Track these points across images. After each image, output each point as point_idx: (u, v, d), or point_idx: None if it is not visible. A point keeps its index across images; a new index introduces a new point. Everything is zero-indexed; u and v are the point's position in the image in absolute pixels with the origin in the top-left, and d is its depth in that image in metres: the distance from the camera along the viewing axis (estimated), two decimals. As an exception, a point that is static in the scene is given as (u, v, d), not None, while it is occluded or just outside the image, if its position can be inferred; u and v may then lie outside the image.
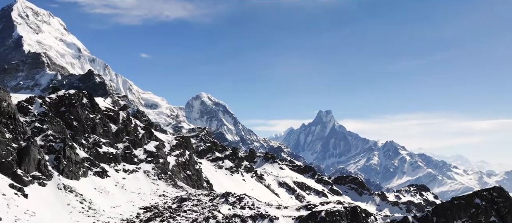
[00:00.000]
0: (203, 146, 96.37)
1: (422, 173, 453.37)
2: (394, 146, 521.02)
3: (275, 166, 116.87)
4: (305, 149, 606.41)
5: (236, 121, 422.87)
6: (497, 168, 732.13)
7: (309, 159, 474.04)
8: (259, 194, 78.77)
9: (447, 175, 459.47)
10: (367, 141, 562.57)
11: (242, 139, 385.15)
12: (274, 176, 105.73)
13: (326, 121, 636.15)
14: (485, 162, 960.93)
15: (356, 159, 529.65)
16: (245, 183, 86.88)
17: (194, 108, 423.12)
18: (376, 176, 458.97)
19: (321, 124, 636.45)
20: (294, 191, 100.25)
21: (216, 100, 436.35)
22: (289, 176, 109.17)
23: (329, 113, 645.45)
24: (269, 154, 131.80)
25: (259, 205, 41.97)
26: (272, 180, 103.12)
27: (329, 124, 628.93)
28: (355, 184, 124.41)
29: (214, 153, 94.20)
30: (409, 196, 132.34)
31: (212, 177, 79.93)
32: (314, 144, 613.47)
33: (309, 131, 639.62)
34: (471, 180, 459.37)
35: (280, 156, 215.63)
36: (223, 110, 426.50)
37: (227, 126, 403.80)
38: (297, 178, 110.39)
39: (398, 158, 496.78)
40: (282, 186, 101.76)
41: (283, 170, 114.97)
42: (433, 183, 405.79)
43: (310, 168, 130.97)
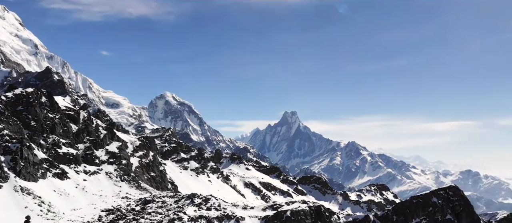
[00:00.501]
0: (167, 147, 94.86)
1: (382, 173, 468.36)
2: (356, 147, 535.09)
3: (241, 166, 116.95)
4: (271, 149, 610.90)
5: (201, 121, 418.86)
6: (452, 168, 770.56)
7: (274, 159, 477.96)
8: (225, 195, 78.55)
9: (406, 175, 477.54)
10: (331, 142, 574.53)
11: (208, 140, 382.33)
12: (240, 177, 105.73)
13: (292, 122, 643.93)
14: (441, 162, 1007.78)
15: (320, 159, 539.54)
16: (211, 184, 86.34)
17: (158, 107, 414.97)
18: (338, 175, 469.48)
19: (287, 125, 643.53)
20: (260, 192, 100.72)
21: (181, 100, 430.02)
22: (255, 177, 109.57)
23: (294, 114, 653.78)
24: (235, 154, 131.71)
25: (225, 206, 41.87)
26: (238, 180, 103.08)
27: (295, 125, 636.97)
28: (319, 184, 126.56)
29: (179, 154, 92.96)
30: (370, 195, 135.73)
31: (177, 179, 78.84)
32: (280, 145, 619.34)
33: (275, 132, 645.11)
34: (428, 179, 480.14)
35: (246, 156, 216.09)
36: (188, 110, 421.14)
37: (193, 127, 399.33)
38: (263, 179, 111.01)
39: (360, 158, 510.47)
40: (248, 186, 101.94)
41: (249, 170, 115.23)
42: (393, 183, 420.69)
43: (275, 169, 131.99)
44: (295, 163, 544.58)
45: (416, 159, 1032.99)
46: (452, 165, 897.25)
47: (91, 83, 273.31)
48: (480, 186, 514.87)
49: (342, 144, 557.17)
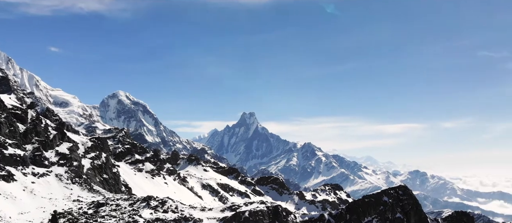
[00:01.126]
0: (121, 148, 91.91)
1: (336, 173, 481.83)
2: (312, 148, 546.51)
3: (199, 168, 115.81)
4: (229, 150, 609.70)
5: (157, 121, 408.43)
6: (402, 168, 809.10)
7: (232, 160, 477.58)
8: (182, 197, 77.42)
9: (358, 175, 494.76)
10: (288, 143, 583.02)
11: (164, 141, 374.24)
12: (197, 178, 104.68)
13: (250, 123, 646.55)
14: (391, 163, 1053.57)
15: (277, 160, 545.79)
16: (167, 186, 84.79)
17: (110, 107, 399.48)
18: (295, 176, 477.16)
19: (245, 126, 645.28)
20: (218, 193, 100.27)
21: (135, 99, 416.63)
22: (213, 178, 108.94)
23: (252, 115, 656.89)
24: (193, 156, 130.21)
25: (182, 208, 41.32)
26: (195, 182, 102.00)
27: (253, 126, 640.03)
28: (276, 184, 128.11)
29: (133, 156, 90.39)
30: (324, 195, 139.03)
31: (131, 181, 76.69)
32: (238, 146, 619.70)
33: (233, 132, 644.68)
34: (379, 179, 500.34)
35: (204, 158, 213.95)
36: (143, 110, 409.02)
37: (147, 127, 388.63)
38: (221, 180, 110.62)
39: (315, 159, 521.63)
40: (205, 188, 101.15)
41: (207, 172, 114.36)
42: (346, 182, 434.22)
43: (234, 170, 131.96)
44: (253, 164, 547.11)
45: (367, 159, 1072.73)
46: (401, 166, 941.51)
47: (38, 80, 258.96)
48: (427, 185, 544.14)
49: (299, 145, 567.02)
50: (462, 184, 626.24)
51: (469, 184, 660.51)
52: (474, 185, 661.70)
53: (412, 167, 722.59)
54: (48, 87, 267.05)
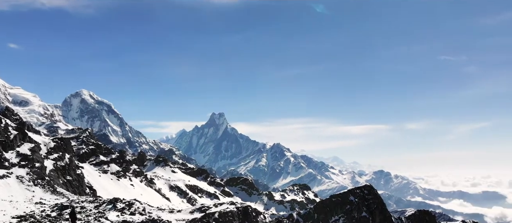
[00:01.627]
0: (85, 149, 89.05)
1: (304, 173, 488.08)
2: (281, 148, 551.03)
3: (167, 169, 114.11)
4: (198, 151, 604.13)
5: (122, 121, 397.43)
6: (367, 168, 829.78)
7: (201, 161, 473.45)
8: (148, 199, 76.01)
9: (325, 175, 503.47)
10: (257, 144, 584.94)
11: (129, 142, 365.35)
12: (165, 180, 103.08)
13: (219, 124, 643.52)
14: (357, 163, 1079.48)
15: (246, 161, 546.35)
16: (134, 188, 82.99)
17: (73, 106, 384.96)
18: (264, 176, 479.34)
19: (214, 126, 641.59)
20: (186, 195, 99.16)
21: (99, 99, 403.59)
22: (181, 180, 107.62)
23: (222, 116, 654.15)
24: (161, 157, 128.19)
25: (150, 210, 40.61)
26: (163, 184, 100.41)
27: (222, 127, 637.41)
28: (245, 185, 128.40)
29: (98, 157, 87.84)
30: (293, 195, 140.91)
31: (96, 183, 74.50)
32: (207, 147, 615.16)
33: (202, 133, 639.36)
34: (345, 179, 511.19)
35: (172, 159, 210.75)
36: (107, 109, 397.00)
37: (112, 127, 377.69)
38: (190, 181, 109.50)
39: (284, 160, 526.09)
40: (173, 189, 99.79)
41: (175, 173, 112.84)
42: (313, 182, 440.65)
43: (203, 171, 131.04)
44: (222, 165, 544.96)
45: (334, 160, 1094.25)
46: (367, 166, 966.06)
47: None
48: (391, 185, 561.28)
49: (268, 145, 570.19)
50: (424, 184, 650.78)
51: (431, 184, 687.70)
52: (436, 184, 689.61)
53: (377, 167, 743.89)
54: (6, 85, 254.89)
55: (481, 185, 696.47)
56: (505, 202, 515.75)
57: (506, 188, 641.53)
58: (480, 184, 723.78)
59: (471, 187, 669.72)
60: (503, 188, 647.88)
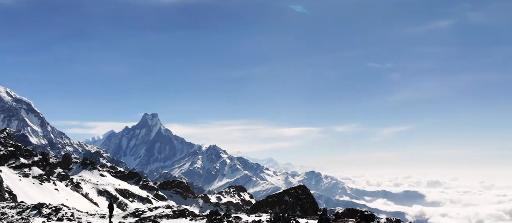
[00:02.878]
0: (3, 151, 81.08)
1: (240, 175, 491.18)
2: (217, 150, 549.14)
3: (95, 173, 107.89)
4: (128, 154, 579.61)
5: (43, 121, 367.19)
6: (299, 169, 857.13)
7: (131, 164, 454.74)
8: (75, 204, 71.09)
9: (260, 176, 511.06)
10: (192, 145, 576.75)
11: (51, 143, 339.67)
12: (93, 184, 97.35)
13: (152, 125, 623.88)
14: (290, 164, 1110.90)
15: (181, 163, 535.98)
16: (59, 192, 77.24)
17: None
18: (199, 179, 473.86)
19: (147, 127, 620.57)
20: (116, 199, 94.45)
21: (17, 96, 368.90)
22: (110, 184, 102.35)
23: (155, 117, 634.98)
24: (88, 160, 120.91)
25: (80, 215, 37.86)
26: (90, 188, 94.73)
27: (155, 128, 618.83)
28: (180, 188, 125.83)
29: (18, 159, 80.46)
30: (229, 197, 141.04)
31: (16, 187, 68.14)
32: (138, 149, 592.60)
33: (133, 134, 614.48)
34: (279, 180, 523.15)
35: (99, 161, 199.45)
36: (27, 108, 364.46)
37: (32, 127, 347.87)
38: (120, 185, 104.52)
39: (220, 162, 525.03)
40: (102, 194, 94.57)
41: (104, 177, 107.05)
42: (249, 184, 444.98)
43: (134, 174, 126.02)
44: (155, 168, 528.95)
45: (269, 161, 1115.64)
46: (299, 167, 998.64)
47: None
48: (321, 185, 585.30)
49: (204, 147, 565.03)
50: (351, 183, 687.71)
51: (357, 183, 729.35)
52: (362, 184, 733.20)
53: (309, 168, 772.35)
54: None
55: (403, 185, 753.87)
56: (423, 201, 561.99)
57: (424, 188, 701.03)
58: (402, 184, 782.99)
59: (394, 187, 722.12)
60: (422, 187, 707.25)
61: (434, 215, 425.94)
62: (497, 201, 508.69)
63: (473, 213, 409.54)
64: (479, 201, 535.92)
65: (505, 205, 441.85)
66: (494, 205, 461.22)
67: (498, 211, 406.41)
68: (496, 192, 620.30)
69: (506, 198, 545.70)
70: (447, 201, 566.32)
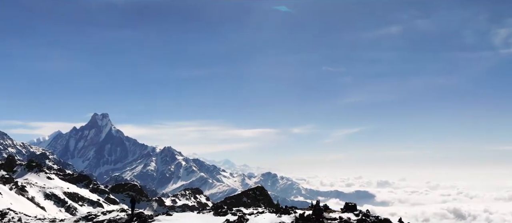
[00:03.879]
0: None
1: (196, 177, 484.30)
2: (172, 152, 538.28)
3: (42, 175, 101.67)
4: (76, 155, 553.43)
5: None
6: (256, 170, 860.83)
7: (79, 166, 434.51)
8: (20, 208, 66.37)
9: (217, 178, 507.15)
10: (146, 147, 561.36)
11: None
12: (39, 187, 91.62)
13: (102, 125, 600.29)
14: (247, 166, 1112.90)
15: (133, 166, 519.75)
16: (2, 196, 71.83)
17: None
18: (152, 182, 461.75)
19: (96, 128, 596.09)
20: (65, 203, 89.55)
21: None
22: (59, 187, 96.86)
23: (105, 117, 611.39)
24: (34, 162, 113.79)
25: (28, 220, 35.20)
26: (36, 192, 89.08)
27: (106, 129, 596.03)
28: (133, 192, 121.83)
29: (-46, 162, 73.91)
30: (184, 200, 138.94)
31: (-50, 192, 62.39)
32: (87, 150, 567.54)
33: (82, 135, 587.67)
34: (236, 182, 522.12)
35: (45, 163, 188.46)
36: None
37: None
38: (69, 189, 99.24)
39: (175, 164, 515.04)
40: (49, 198, 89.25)
41: (51, 180, 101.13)
42: (205, 186, 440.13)
43: (85, 177, 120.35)
44: (105, 170, 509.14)
45: (226, 163, 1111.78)
46: (256, 168, 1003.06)
47: None
48: (277, 186, 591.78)
49: (158, 149, 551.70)
50: (306, 184, 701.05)
51: (311, 184, 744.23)
52: (316, 185, 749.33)
53: (265, 169, 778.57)
54: None
55: (354, 185, 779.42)
56: (374, 200, 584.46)
57: (374, 188, 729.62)
58: (354, 184, 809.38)
59: (346, 187, 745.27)
60: (372, 187, 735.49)
61: (383, 215, 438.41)
62: (442, 201, 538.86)
63: (420, 212, 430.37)
64: (425, 200, 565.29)
65: (449, 204, 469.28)
66: (439, 204, 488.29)
67: (442, 210, 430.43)
68: (441, 191, 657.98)
69: (450, 197, 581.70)
70: (395, 200, 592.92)
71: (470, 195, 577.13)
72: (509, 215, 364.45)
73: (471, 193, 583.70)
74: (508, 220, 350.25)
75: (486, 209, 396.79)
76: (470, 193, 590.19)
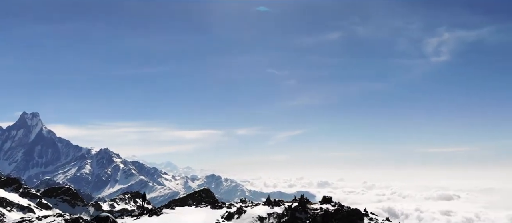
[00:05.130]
0: None
1: (135, 180, 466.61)
2: (109, 154, 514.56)
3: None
4: (2, 158, 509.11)
5: None
6: (199, 173, 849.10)
7: (5, 169, 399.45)
8: None
9: (158, 181, 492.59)
10: (80, 149, 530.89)
11: None
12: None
13: (32, 125, 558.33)
14: (190, 168, 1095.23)
15: (66, 169, 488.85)
16: None
17: None
18: (87, 186, 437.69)
19: (25, 128, 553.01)
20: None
21: None
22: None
23: (35, 116, 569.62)
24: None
25: None
26: (-47, 197, 79.54)
27: (36, 129, 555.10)
28: (67, 196, 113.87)
29: None
30: (123, 204, 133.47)
31: None
32: (14, 152, 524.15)
33: (8, 136, 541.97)
34: (178, 185, 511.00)
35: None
36: None
37: None
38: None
39: (112, 166, 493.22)
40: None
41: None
42: (145, 189, 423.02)
43: (13, 180, 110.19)
44: (34, 174, 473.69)
45: (168, 165, 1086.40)
46: (199, 170, 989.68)
47: None
48: (221, 188, 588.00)
49: (94, 151, 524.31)
50: (250, 186, 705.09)
51: (255, 185, 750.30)
52: (259, 186, 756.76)
53: (209, 171, 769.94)
54: None
55: (296, 186, 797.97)
56: (314, 200, 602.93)
57: (315, 188, 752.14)
58: (295, 185, 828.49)
59: (288, 187, 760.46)
60: (313, 188, 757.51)
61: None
62: (377, 200, 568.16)
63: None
64: (362, 200, 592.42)
65: (384, 203, 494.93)
66: (374, 203, 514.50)
67: (377, 209, 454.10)
68: (376, 191, 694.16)
69: (385, 197, 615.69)
70: (334, 200, 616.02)
71: (403, 194, 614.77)
72: (438, 213, 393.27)
73: (404, 193, 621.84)
74: (437, 218, 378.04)
75: (417, 208, 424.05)
76: (403, 192, 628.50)
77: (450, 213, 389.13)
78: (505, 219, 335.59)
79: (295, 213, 35.79)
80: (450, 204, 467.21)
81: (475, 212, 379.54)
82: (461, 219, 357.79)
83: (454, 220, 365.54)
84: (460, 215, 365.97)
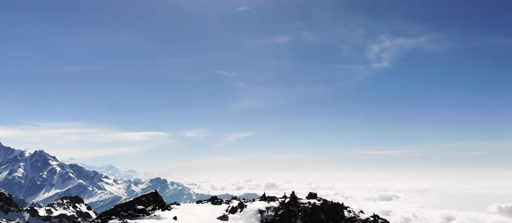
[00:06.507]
0: None
1: (73, 184, 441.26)
2: (44, 156, 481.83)
3: None
4: None
5: None
6: (143, 176, 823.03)
7: None
8: None
9: (98, 185, 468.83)
10: (12, 151, 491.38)
11: None
12: None
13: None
14: (133, 171, 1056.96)
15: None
16: None
17: None
18: (20, 190, 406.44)
19: None
20: None
21: None
22: None
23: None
24: None
25: None
26: None
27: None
28: (0, 201, 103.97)
29: None
30: (62, 209, 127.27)
31: None
32: None
33: None
34: (120, 189, 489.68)
35: None
36: None
37: None
38: None
39: (48, 170, 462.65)
40: None
41: None
42: (84, 194, 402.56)
43: None
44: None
45: (109, 168, 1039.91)
46: (143, 174, 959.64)
47: None
48: (167, 192, 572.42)
49: (28, 153, 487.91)
50: (197, 189, 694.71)
51: (202, 188, 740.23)
52: (207, 189, 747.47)
53: (154, 175, 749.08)
54: None
55: (244, 188, 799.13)
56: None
57: (262, 190, 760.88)
58: (243, 187, 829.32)
59: (236, 190, 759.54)
60: (261, 190, 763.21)
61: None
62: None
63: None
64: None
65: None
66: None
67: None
68: (320, 192, 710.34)
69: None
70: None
71: (345, 195, 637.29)
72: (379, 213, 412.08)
73: (347, 194, 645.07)
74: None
75: (358, 208, 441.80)
76: (345, 193, 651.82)
77: (390, 213, 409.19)
78: (440, 218, 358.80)
79: (289, 206, 42.79)
80: (389, 205, 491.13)
81: (413, 212, 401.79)
82: (400, 219, 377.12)
83: (393, 220, 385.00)
84: (399, 215, 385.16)
